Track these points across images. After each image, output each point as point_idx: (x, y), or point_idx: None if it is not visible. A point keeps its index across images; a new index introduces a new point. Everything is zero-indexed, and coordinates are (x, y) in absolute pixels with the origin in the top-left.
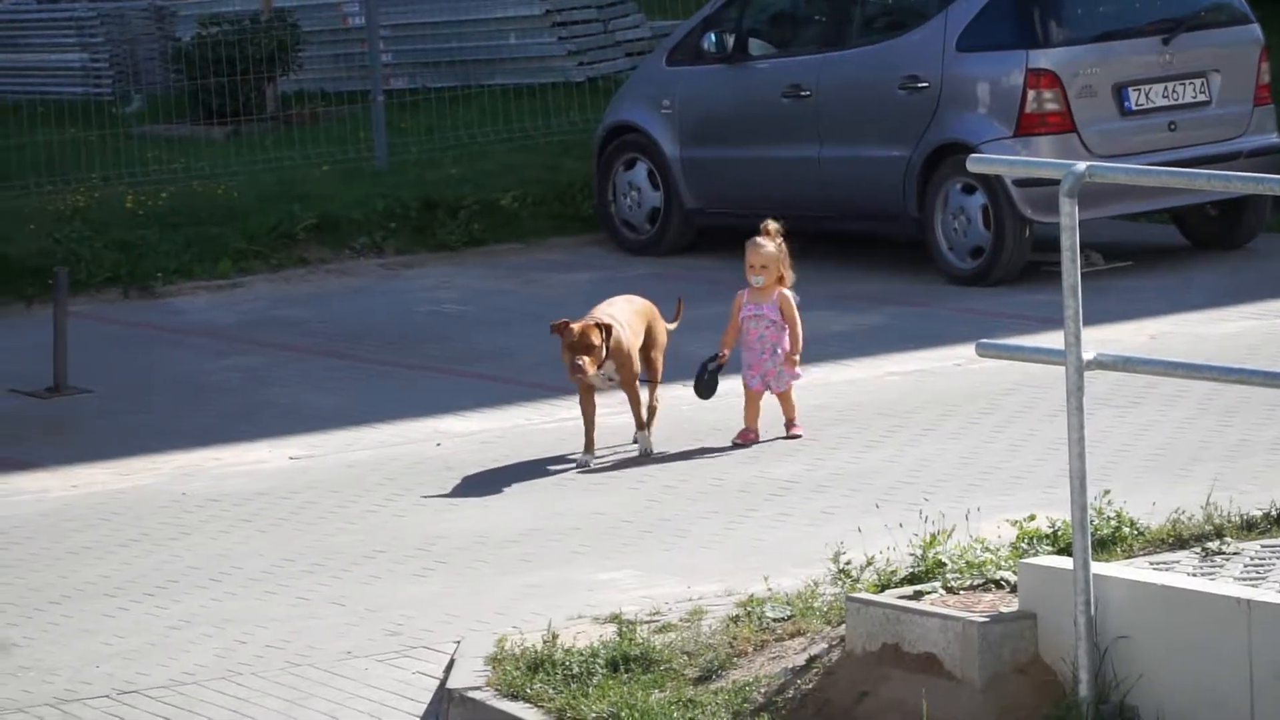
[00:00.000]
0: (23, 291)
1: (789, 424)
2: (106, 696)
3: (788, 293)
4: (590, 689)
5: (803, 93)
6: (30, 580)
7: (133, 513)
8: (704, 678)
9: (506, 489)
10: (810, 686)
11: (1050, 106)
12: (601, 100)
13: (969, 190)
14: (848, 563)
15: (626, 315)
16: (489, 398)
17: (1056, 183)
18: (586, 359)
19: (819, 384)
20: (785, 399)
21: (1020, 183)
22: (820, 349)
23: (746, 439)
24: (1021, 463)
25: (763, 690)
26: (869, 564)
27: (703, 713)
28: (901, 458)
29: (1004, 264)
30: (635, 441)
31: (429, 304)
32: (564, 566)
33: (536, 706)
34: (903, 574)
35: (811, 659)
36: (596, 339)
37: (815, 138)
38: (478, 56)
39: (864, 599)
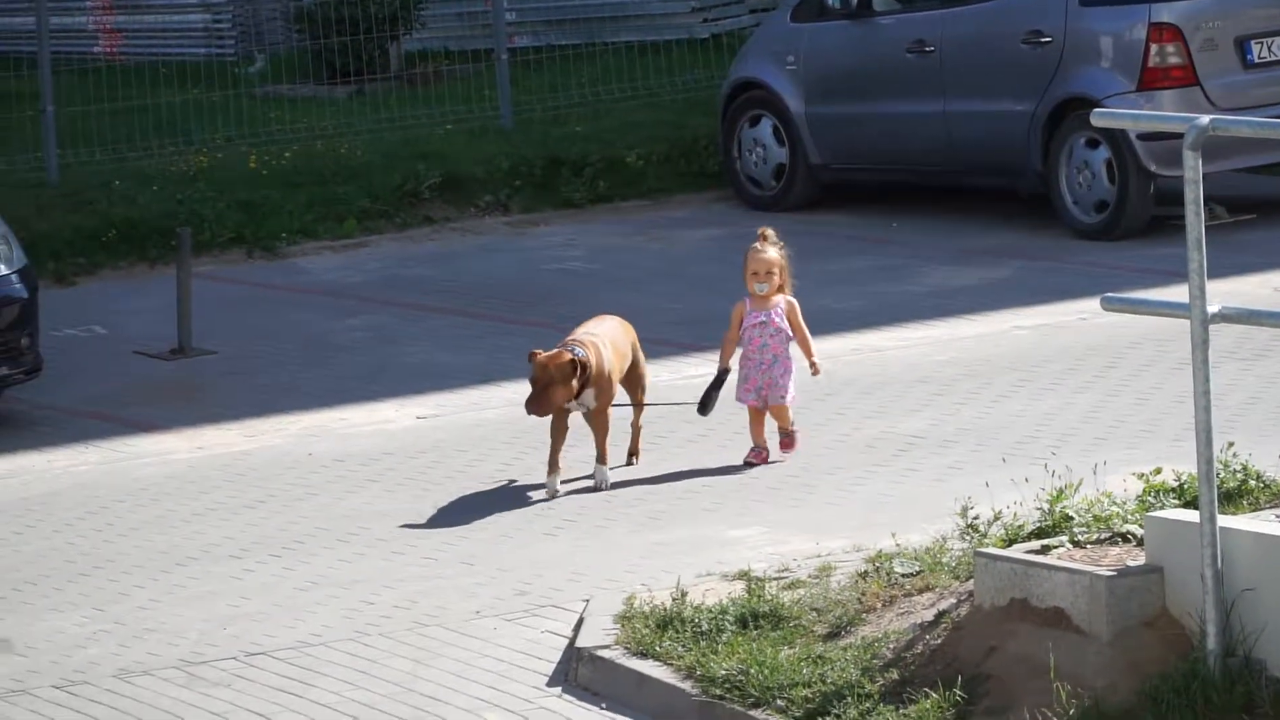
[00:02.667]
0: (147, 253)
1: (784, 433)
2: (233, 659)
3: (793, 300)
4: (719, 646)
5: (927, 48)
6: (157, 542)
7: (258, 474)
8: (833, 634)
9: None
10: (939, 642)
11: (1173, 60)
12: (726, 57)
13: (1093, 144)
14: (975, 517)
15: (614, 336)
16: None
17: (1180, 136)
18: (543, 400)
19: (945, 339)
20: (781, 414)
21: (1144, 137)
22: (946, 304)
23: (758, 458)
24: (1147, 416)
25: (891, 646)
26: (996, 518)
27: (832, 669)
28: (1028, 412)
29: (1128, 218)
30: (592, 475)
31: (555, 262)
32: (692, 524)
33: (666, 664)
34: (1030, 528)
35: (940, 614)
36: (560, 374)
37: (939, 93)
38: (601, 14)
39: (991, 554)
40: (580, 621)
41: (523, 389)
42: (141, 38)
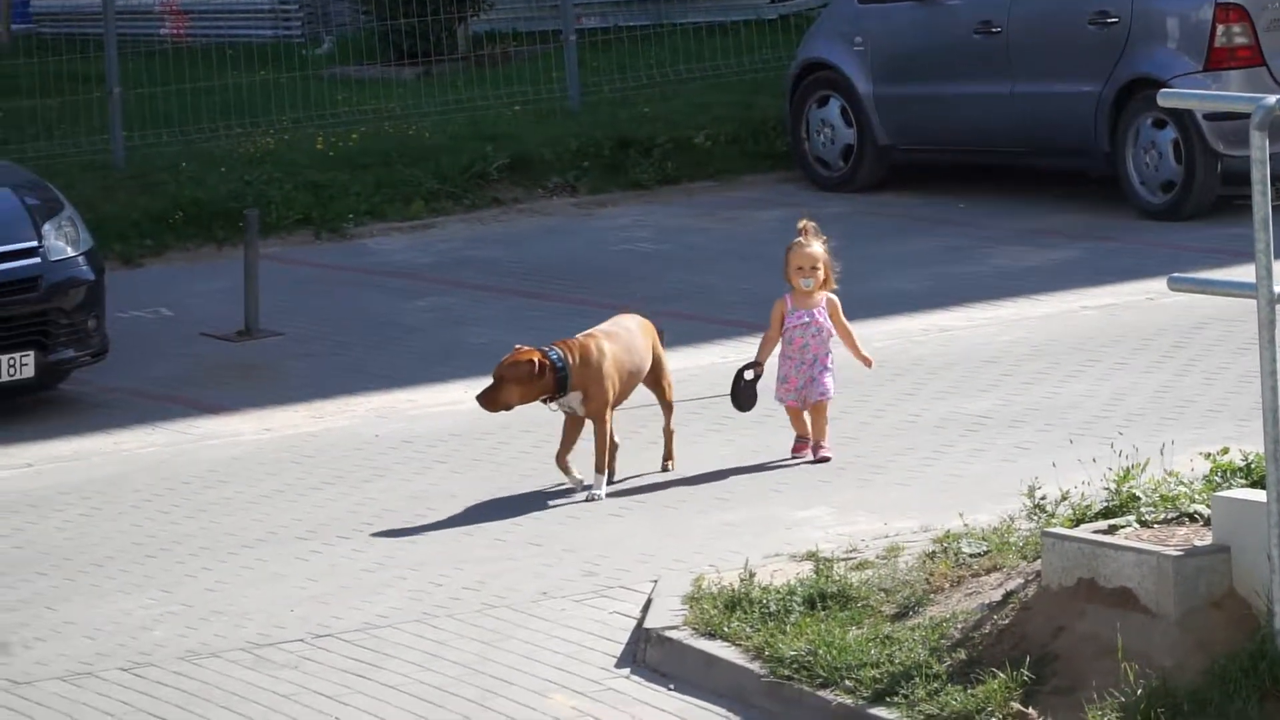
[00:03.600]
0: (214, 235)
1: (817, 445)
2: (301, 640)
3: (834, 298)
4: (788, 627)
5: (994, 29)
6: (224, 524)
7: (326, 455)
8: (901, 614)
9: (703, 427)
10: (1007, 622)
11: (1239, 40)
12: (794, 37)
13: (1160, 125)
14: (1043, 498)
15: (625, 338)
16: (685, 336)
17: (1247, 116)
18: (491, 392)
19: (1013, 319)
20: (819, 414)
21: (1211, 117)
22: (1013, 284)
23: (803, 450)
24: (1214, 396)
25: (959, 626)
26: (1064, 499)
27: (900, 649)
28: (1095, 392)
29: (1195, 198)
30: (589, 485)
31: (622, 243)
32: (760, 504)
33: (734, 645)
34: (1097, 508)
35: (1008, 594)
36: (516, 373)
37: (1007, 73)
38: None
39: (1059, 534)
40: (648, 602)
41: None
42: (208, 19)
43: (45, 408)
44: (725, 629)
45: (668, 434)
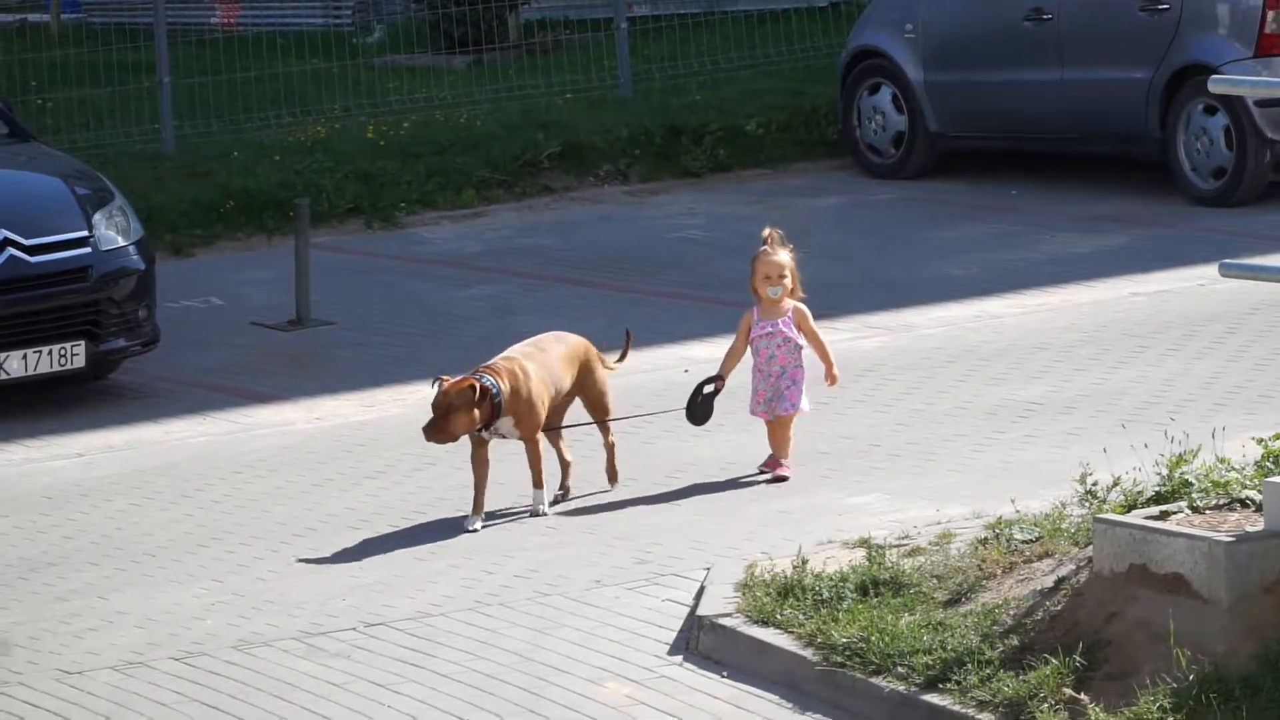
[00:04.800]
0: (264, 224)
1: (775, 462)
2: (353, 629)
3: (802, 307)
4: (840, 613)
5: (1044, 16)
6: (275, 514)
7: (377, 444)
8: (953, 601)
9: (750, 416)
10: (1059, 608)
11: None
12: (844, 25)
13: (1210, 111)
14: (1094, 484)
15: (549, 359)
16: (735, 324)
17: None
18: (441, 427)
19: (1064, 306)
20: (781, 430)
21: (1262, 103)
22: (1064, 270)
23: (773, 466)
24: (1266, 382)
25: (1011, 612)
26: (1115, 484)
27: (952, 635)
28: (1146, 378)
29: (1246, 184)
30: (531, 503)
31: (674, 230)
32: (813, 491)
33: (787, 632)
34: (1149, 494)
35: (1059, 580)
36: (461, 401)
37: (1057, 60)
38: None
39: (1111, 520)
40: (701, 590)
41: (644, 357)
42: (258, 8)
43: (96, 398)
44: (778, 616)
45: (609, 449)
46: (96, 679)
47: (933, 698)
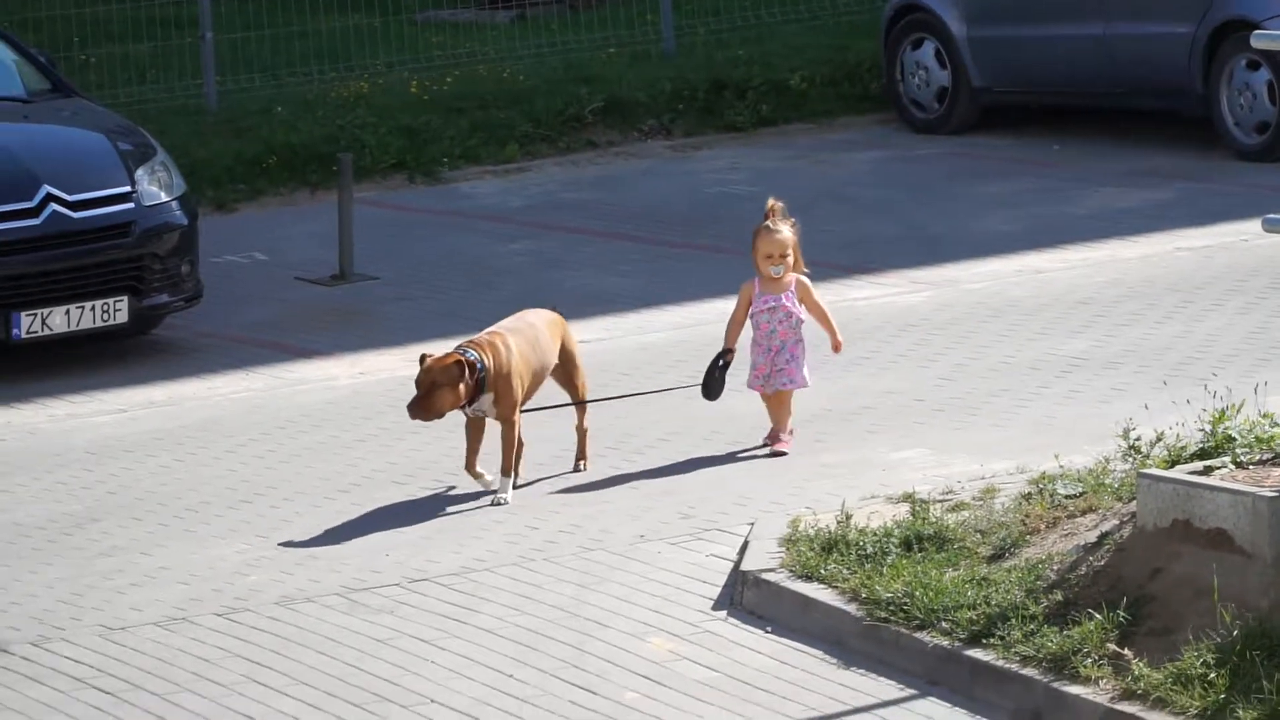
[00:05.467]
0: (307, 179)
1: (775, 436)
2: (397, 585)
3: (805, 280)
4: (884, 569)
5: None
6: (318, 469)
7: None
8: (997, 556)
9: None
10: (1102, 563)
11: None
12: None
13: (1253, 66)
14: (1137, 439)
15: (530, 335)
16: None
17: None
18: (426, 404)
19: (1107, 261)
20: (780, 404)
21: None
22: (1108, 226)
23: (774, 440)
24: None
25: (1055, 568)
26: (1159, 440)
27: (996, 591)
28: (1190, 333)
29: None
30: (494, 488)
31: (718, 185)
32: (857, 446)
33: (831, 587)
34: (1192, 450)
35: (1103, 535)
36: (446, 378)
37: (1101, 15)
38: None
39: (1154, 475)
40: (745, 545)
41: (687, 312)
42: None
43: (139, 353)
44: (822, 571)
45: (581, 432)
46: (139, 634)
47: (976, 653)
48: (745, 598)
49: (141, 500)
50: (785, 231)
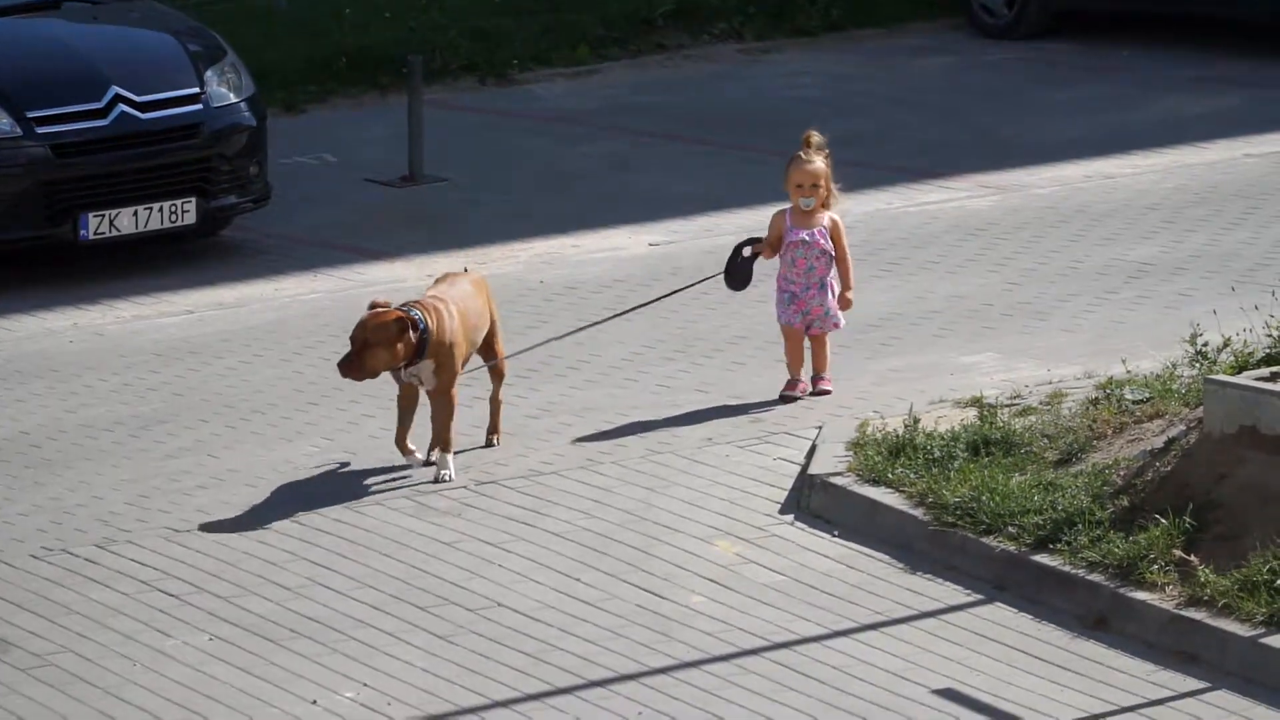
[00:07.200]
0: (377, 81)
1: (817, 376)
2: (464, 488)
3: (836, 217)
4: (951, 473)
5: None
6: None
7: None
8: (1064, 461)
9: (868, 273)
10: (1168, 469)
11: None
12: None
13: None
14: (1205, 345)
15: (466, 301)
16: (847, 183)
17: None
18: (356, 360)
19: (1175, 166)
20: (820, 345)
21: None
22: (1176, 132)
23: (795, 390)
24: None
25: (1121, 473)
26: (1226, 345)
27: (1062, 495)
28: (1258, 240)
29: None
30: (432, 462)
31: (787, 89)
32: (925, 350)
33: (898, 491)
34: (1259, 355)
35: (1169, 441)
36: (382, 336)
37: None
38: None
39: (1221, 381)
40: (813, 448)
41: (754, 215)
42: None
43: (207, 254)
44: (889, 475)
45: (495, 404)
46: (205, 537)
47: (1043, 558)
48: (812, 501)
49: (208, 402)
50: (818, 162)
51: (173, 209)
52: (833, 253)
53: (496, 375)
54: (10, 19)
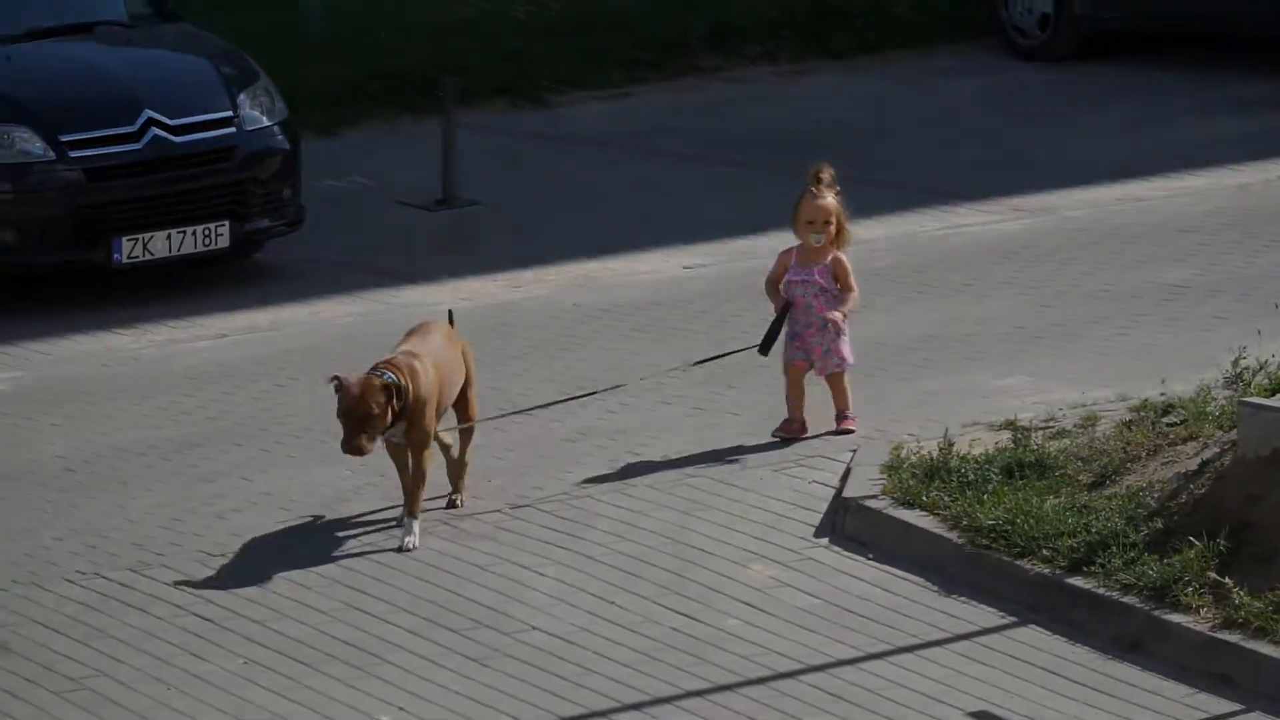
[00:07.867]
0: (411, 104)
1: (840, 415)
2: (498, 511)
3: (843, 256)
4: (985, 496)
5: None
6: None
7: (523, 324)
8: (1098, 483)
9: (901, 296)
10: (1203, 491)
11: None
12: None
13: None
14: (1240, 367)
15: (440, 355)
16: (883, 205)
17: None
18: (362, 437)
19: (1209, 189)
20: (837, 383)
21: None
22: (1210, 154)
23: (791, 431)
24: None
25: (1155, 495)
26: (1261, 368)
27: (1096, 518)
28: None
29: None
30: (399, 524)
31: (822, 111)
32: (958, 373)
33: (932, 514)
34: None
35: (1204, 463)
36: (377, 405)
37: None
38: None
39: (1256, 403)
40: (847, 472)
41: (787, 238)
42: None
43: (240, 278)
44: (923, 498)
45: (461, 466)
46: (240, 561)
47: (1077, 580)
48: (847, 524)
49: (242, 425)
50: (828, 198)
51: (206, 232)
52: (833, 290)
53: (465, 433)
54: (43, 43)
